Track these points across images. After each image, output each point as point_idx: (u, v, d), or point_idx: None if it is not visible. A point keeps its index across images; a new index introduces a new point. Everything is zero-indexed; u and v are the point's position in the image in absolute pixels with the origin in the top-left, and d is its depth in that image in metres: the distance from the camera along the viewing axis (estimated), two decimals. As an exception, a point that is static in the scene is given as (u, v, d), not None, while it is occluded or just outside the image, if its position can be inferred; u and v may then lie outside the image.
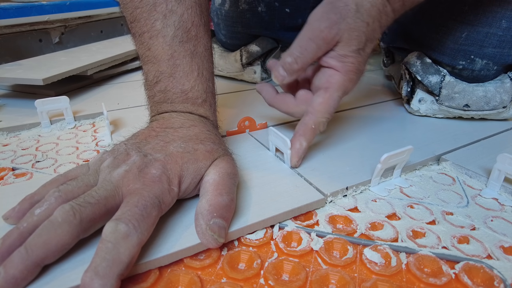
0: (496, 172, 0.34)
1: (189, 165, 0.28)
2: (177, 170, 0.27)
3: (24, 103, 0.55)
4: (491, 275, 0.24)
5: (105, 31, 0.93)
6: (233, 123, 0.47)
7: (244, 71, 0.66)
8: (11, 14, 0.69)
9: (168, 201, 0.26)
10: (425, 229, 0.29)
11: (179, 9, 0.33)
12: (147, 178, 0.26)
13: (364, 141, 0.43)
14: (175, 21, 0.33)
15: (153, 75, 0.34)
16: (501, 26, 0.41)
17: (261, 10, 0.60)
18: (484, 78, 0.45)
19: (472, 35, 0.43)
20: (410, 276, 0.25)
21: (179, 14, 0.33)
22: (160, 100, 0.34)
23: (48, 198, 0.25)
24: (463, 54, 0.44)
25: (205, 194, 0.27)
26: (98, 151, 0.42)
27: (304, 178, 0.34)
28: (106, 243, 0.21)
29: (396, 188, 0.35)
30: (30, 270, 0.21)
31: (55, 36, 0.79)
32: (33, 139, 0.46)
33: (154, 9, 0.32)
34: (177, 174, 0.27)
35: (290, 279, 0.24)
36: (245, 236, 0.28)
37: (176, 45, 0.33)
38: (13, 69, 0.59)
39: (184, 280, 0.24)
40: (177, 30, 0.33)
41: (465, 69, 0.45)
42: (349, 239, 0.28)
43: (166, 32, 0.33)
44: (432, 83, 0.47)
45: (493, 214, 0.31)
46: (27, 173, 0.38)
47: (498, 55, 0.43)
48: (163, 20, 0.32)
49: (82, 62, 0.62)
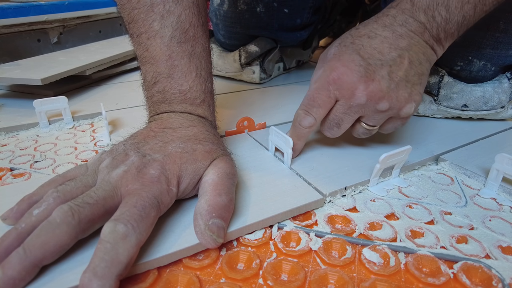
0: (494, 172, 0.34)
1: (187, 165, 0.28)
2: (176, 171, 0.27)
3: (22, 103, 0.55)
4: (489, 274, 0.24)
5: (103, 31, 0.93)
6: (232, 123, 0.47)
7: (243, 71, 0.66)
8: (9, 14, 0.69)
9: (166, 202, 0.26)
10: (423, 229, 0.29)
11: (177, 10, 0.33)
12: (146, 178, 0.26)
13: (363, 141, 0.43)
14: (172, 22, 0.32)
15: (151, 75, 0.34)
16: (499, 27, 0.41)
17: (259, 11, 0.60)
18: (482, 79, 0.46)
19: (470, 36, 0.43)
20: (409, 276, 0.25)
21: (176, 14, 0.33)
22: (159, 100, 0.34)
23: (46, 198, 0.25)
24: (461, 56, 0.44)
25: (204, 194, 0.27)
26: (96, 151, 0.42)
27: (303, 178, 0.34)
28: (104, 243, 0.21)
29: (394, 188, 0.35)
30: (28, 270, 0.21)
31: (54, 36, 0.79)
32: (31, 139, 0.46)
33: (151, 10, 0.32)
34: (176, 174, 0.27)
35: (289, 279, 0.24)
36: (244, 236, 0.28)
37: (174, 45, 0.33)
38: (12, 69, 0.59)
39: (183, 280, 0.24)
40: (175, 31, 0.33)
41: (463, 70, 0.45)
42: (348, 239, 0.28)
43: (164, 32, 0.32)
44: (431, 83, 0.47)
45: (492, 214, 0.31)
46: (25, 173, 0.38)
47: (496, 56, 0.43)
48: (161, 20, 0.32)
49: (80, 62, 0.62)
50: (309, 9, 0.63)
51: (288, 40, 0.67)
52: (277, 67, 0.72)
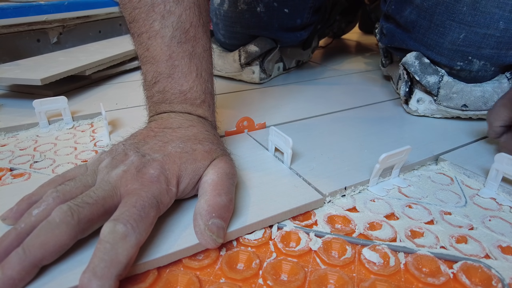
0: (494, 172, 0.34)
1: (187, 165, 0.28)
2: (176, 170, 0.27)
3: (22, 103, 0.55)
4: (489, 274, 0.24)
5: (103, 31, 0.93)
6: (232, 123, 0.47)
7: (243, 71, 0.66)
8: (9, 14, 0.68)
9: (166, 201, 0.26)
10: (423, 229, 0.29)
11: (177, 10, 0.33)
12: (145, 178, 0.26)
13: (363, 141, 0.43)
14: (173, 22, 0.32)
15: (152, 75, 0.34)
16: (499, 27, 0.41)
17: (260, 11, 0.60)
18: (482, 79, 0.46)
19: (469, 36, 0.43)
20: (409, 276, 0.25)
21: (177, 15, 0.33)
22: (159, 100, 0.34)
23: (46, 198, 0.25)
24: (460, 55, 0.44)
25: (203, 194, 0.27)
26: (96, 151, 0.42)
27: (303, 178, 0.34)
28: (104, 243, 0.21)
29: (394, 188, 0.35)
30: (28, 271, 0.21)
31: (53, 36, 0.79)
32: (31, 140, 0.46)
33: (152, 10, 0.32)
34: (175, 174, 0.27)
35: (288, 279, 0.24)
36: (244, 236, 0.28)
37: (174, 45, 0.33)
38: (11, 69, 0.59)
39: (183, 280, 0.24)
40: (175, 31, 0.33)
41: (463, 70, 0.45)
42: (347, 239, 0.28)
43: (165, 32, 0.32)
44: (430, 83, 0.47)
45: (491, 213, 0.31)
46: (25, 173, 0.38)
47: (496, 56, 0.43)
48: (161, 20, 0.32)
49: (80, 62, 0.62)
50: (309, 9, 0.63)
51: (288, 40, 0.67)
52: (276, 67, 0.72)
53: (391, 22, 0.54)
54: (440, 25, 0.45)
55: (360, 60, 0.88)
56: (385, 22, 0.56)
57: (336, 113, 0.52)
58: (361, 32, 1.25)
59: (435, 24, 0.45)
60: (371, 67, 0.81)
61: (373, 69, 0.79)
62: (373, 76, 0.73)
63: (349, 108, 0.54)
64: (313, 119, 0.50)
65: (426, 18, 0.46)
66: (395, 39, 0.53)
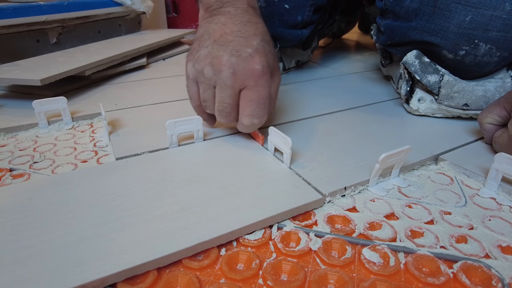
0: (494, 171, 0.34)
1: (270, 60, 0.36)
2: (268, 62, 0.35)
3: (21, 104, 0.55)
4: (489, 274, 0.24)
5: (103, 31, 0.93)
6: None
7: (243, 71, 0.66)
8: (8, 15, 0.68)
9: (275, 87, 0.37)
10: (423, 228, 0.29)
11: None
12: (255, 74, 0.33)
13: (363, 141, 0.43)
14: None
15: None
16: (505, 8, 0.41)
17: (260, 5, 0.60)
18: (486, 65, 0.45)
19: (476, 18, 0.42)
20: (409, 276, 0.25)
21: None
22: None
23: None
24: (466, 39, 0.44)
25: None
26: (96, 151, 0.42)
27: (303, 178, 0.34)
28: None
29: (394, 188, 0.35)
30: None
31: (53, 36, 0.79)
32: (30, 140, 0.46)
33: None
34: (271, 65, 0.36)
35: (288, 279, 0.24)
36: (244, 236, 0.28)
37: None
38: (11, 69, 0.59)
39: (183, 280, 0.24)
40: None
41: (468, 54, 0.45)
42: (347, 239, 0.28)
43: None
44: (431, 82, 0.47)
45: (491, 213, 0.31)
46: (24, 174, 0.37)
47: (502, 39, 0.43)
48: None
49: (80, 63, 0.62)
50: (310, 7, 0.63)
51: (289, 38, 0.67)
52: (276, 67, 0.71)
53: (389, 17, 0.54)
54: (445, 8, 0.44)
55: (360, 60, 0.88)
56: (381, 19, 0.56)
57: (336, 113, 0.52)
58: (361, 32, 1.25)
59: (440, 9, 0.45)
60: (371, 67, 0.81)
61: (373, 69, 0.79)
62: (373, 76, 0.73)
63: (349, 108, 0.54)
64: (313, 119, 0.50)
65: (430, 4, 0.46)
66: (394, 34, 0.53)
